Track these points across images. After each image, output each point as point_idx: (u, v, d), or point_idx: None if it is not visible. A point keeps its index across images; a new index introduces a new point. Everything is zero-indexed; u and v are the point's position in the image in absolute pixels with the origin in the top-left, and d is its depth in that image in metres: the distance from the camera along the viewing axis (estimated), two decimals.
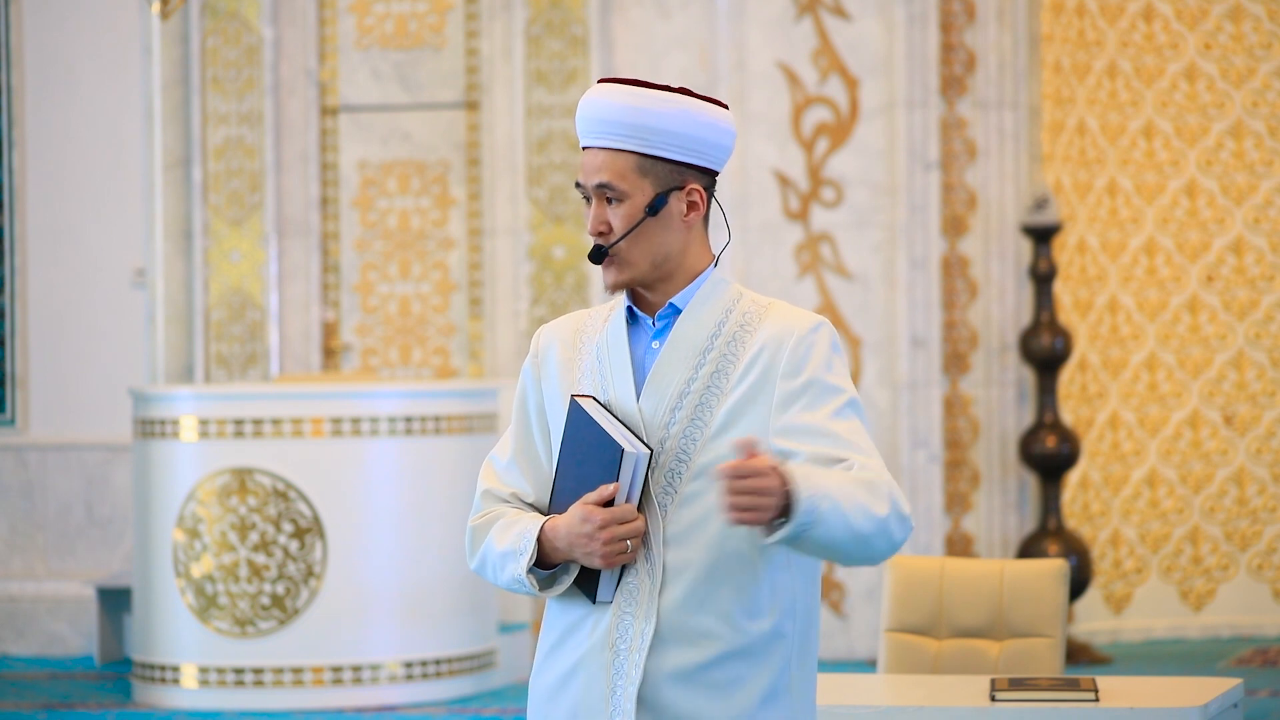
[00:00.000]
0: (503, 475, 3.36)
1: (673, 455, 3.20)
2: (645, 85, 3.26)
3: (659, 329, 3.28)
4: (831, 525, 3.05)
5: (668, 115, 3.23)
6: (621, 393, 3.24)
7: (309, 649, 8.26)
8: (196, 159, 9.85)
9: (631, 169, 3.24)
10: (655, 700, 3.18)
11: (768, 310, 3.27)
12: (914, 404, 9.38)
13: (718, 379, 3.22)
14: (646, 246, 3.25)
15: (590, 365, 3.30)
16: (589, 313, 3.39)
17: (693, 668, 3.17)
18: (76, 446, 10.13)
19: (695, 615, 3.17)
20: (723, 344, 3.24)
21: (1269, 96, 10.20)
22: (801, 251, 9.49)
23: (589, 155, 3.28)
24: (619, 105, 3.24)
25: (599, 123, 3.25)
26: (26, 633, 10.00)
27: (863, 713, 4.34)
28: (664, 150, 3.23)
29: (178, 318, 9.86)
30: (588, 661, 3.22)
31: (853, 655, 9.34)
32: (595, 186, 3.26)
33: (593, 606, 3.22)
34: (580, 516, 3.16)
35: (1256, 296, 10.20)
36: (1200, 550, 10.15)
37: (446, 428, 8.44)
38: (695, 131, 3.24)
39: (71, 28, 10.14)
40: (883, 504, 3.10)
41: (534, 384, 3.36)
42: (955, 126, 9.43)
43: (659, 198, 3.24)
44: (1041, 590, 4.90)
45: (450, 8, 9.84)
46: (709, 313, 3.26)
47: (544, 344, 3.37)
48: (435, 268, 9.88)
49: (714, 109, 3.27)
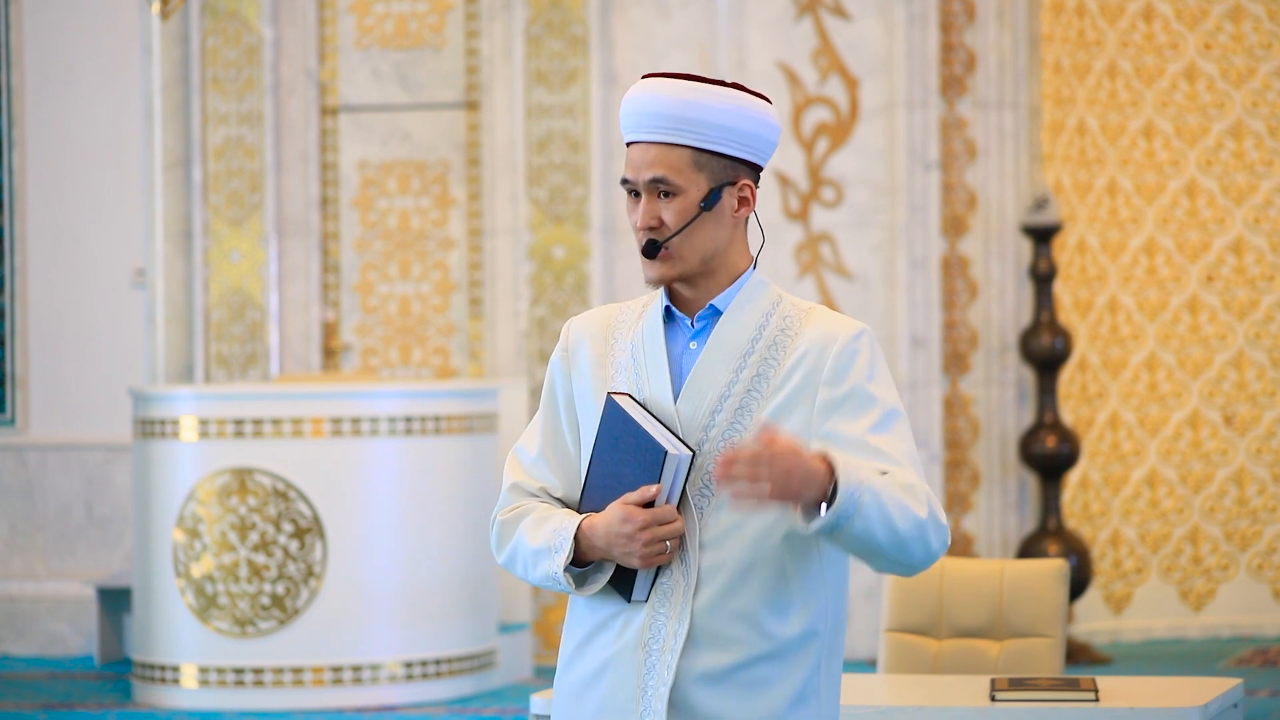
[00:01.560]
0: (530, 469, 3.33)
1: (710, 458, 3.18)
2: (697, 79, 3.23)
3: (698, 330, 3.25)
4: (871, 520, 3.04)
5: (723, 110, 3.20)
6: (658, 392, 3.22)
7: (309, 649, 8.26)
8: (196, 159, 9.85)
9: (687, 163, 3.20)
10: (685, 701, 3.17)
11: (809, 315, 3.24)
12: (914, 404, 9.37)
13: (758, 382, 3.20)
14: (699, 242, 3.21)
15: (624, 362, 3.27)
16: (620, 307, 3.35)
17: (724, 669, 3.16)
18: (76, 446, 10.13)
19: (728, 617, 3.16)
20: (764, 347, 3.21)
21: (1269, 96, 10.20)
22: (801, 251, 9.49)
23: (639, 150, 3.22)
24: (673, 99, 3.20)
25: (652, 116, 3.21)
26: (26, 633, 10.00)
27: (863, 713, 4.34)
28: (719, 145, 3.20)
29: (178, 318, 9.86)
30: (618, 661, 3.20)
31: (853, 655, 9.34)
32: (649, 181, 3.21)
33: (623, 606, 3.20)
34: (621, 516, 3.14)
35: (1256, 296, 10.20)
36: (1200, 550, 10.15)
37: (446, 428, 8.44)
38: (748, 126, 3.21)
39: (71, 28, 10.14)
40: (922, 507, 3.10)
41: (564, 378, 3.33)
42: (955, 126, 9.43)
43: (713, 192, 3.21)
44: (1041, 590, 4.90)
45: (450, 8, 9.84)
46: (750, 315, 3.23)
47: (575, 337, 3.33)
48: (435, 268, 9.88)
49: (764, 104, 3.25)
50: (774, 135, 3.25)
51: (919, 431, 9.36)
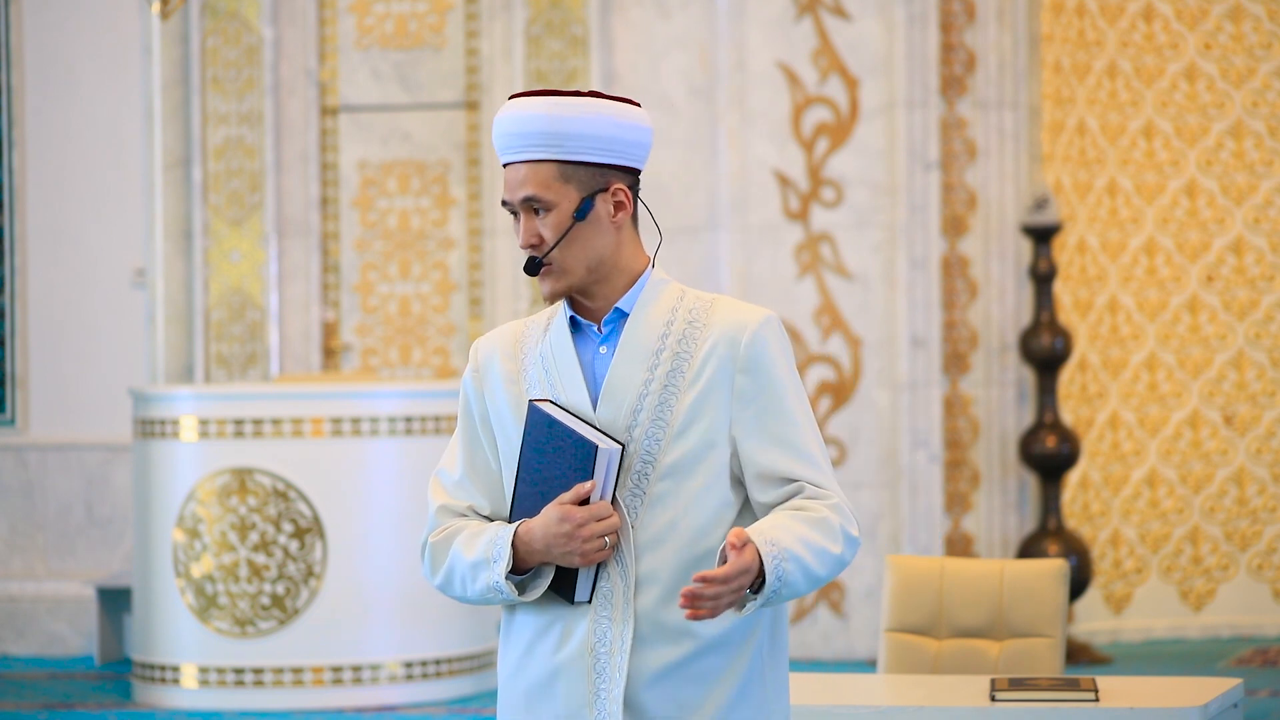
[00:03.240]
0: (454, 491, 3.36)
1: (637, 458, 3.22)
2: (554, 93, 3.27)
3: (605, 334, 3.28)
4: (796, 583, 3.16)
5: (581, 120, 3.24)
6: (576, 399, 3.26)
7: (309, 649, 8.26)
8: (196, 159, 9.85)
9: (554, 177, 3.24)
10: (637, 700, 3.20)
11: (715, 305, 3.29)
12: (914, 404, 9.37)
13: (674, 377, 3.24)
14: (580, 252, 3.25)
15: (536, 375, 3.30)
16: (525, 323, 3.39)
17: (672, 665, 3.20)
18: (76, 446, 10.13)
19: (672, 613, 3.19)
20: (674, 342, 3.26)
21: (1269, 96, 10.20)
22: (801, 251, 9.49)
23: (509, 171, 3.27)
24: (531, 115, 3.25)
25: (515, 137, 3.26)
26: (26, 633, 10.00)
27: (863, 713, 4.34)
28: (582, 154, 3.24)
29: (178, 318, 9.86)
30: (568, 668, 3.22)
31: (853, 655, 9.34)
32: (521, 200, 3.25)
33: (561, 613, 3.23)
34: (558, 516, 3.17)
35: (1256, 296, 10.20)
36: (1200, 550, 10.15)
37: (446, 428, 8.45)
38: (611, 132, 3.25)
39: (71, 28, 10.14)
40: (837, 542, 3.21)
41: (478, 397, 3.38)
42: (955, 126, 9.43)
43: (585, 202, 3.25)
44: (1041, 590, 4.90)
45: (450, 8, 9.84)
46: (656, 313, 3.27)
47: (484, 356, 3.37)
48: (435, 268, 9.88)
49: (628, 108, 3.28)
50: (644, 137, 3.29)
51: (919, 431, 9.36)
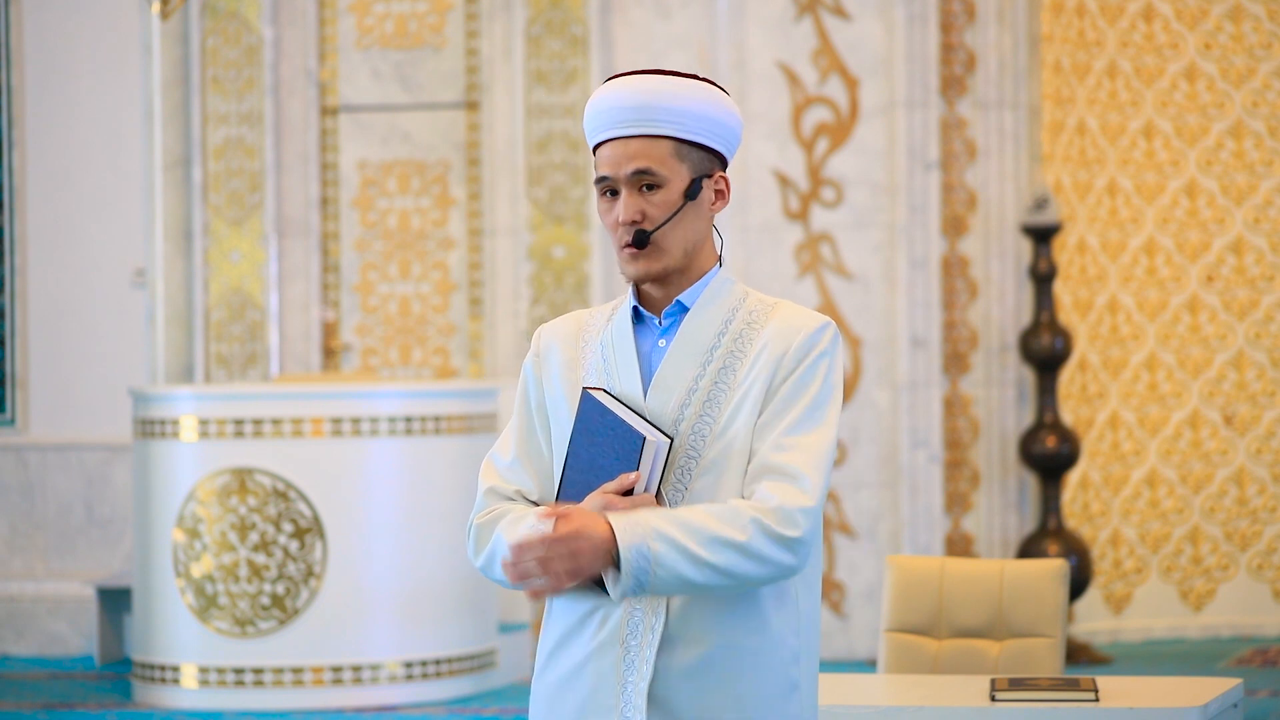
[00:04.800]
0: (505, 474, 3.34)
1: (682, 453, 3.20)
2: (670, 73, 3.26)
3: (665, 327, 3.27)
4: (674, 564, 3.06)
5: (699, 101, 3.23)
6: (629, 389, 3.24)
7: (309, 649, 8.26)
8: (196, 159, 9.85)
9: (670, 154, 3.22)
10: (665, 697, 3.17)
11: (775, 309, 3.27)
12: (914, 404, 9.37)
13: (725, 375, 3.22)
14: (682, 234, 3.23)
15: (595, 363, 3.29)
16: (590, 312, 3.38)
17: (700, 664, 3.17)
18: (76, 446, 10.13)
19: (703, 612, 3.17)
20: (730, 341, 3.23)
21: (1269, 96, 10.20)
22: (801, 251, 9.49)
23: (617, 146, 3.22)
24: (651, 91, 3.22)
25: (629, 110, 3.22)
26: (26, 633, 10.00)
27: (863, 713, 4.34)
28: (698, 135, 3.23)
29: (178, 318, 9.86)
30: (597, 657, 3.20)
31: (853, 655, 9.34)
32: (632, 174, 3.21)
33: (600, 602, 3.21)
34: (601, 505, 3.14)
35: (1256, 296, 10.20)
36: (1200, 550, 10.15)
37: (446, 428, 8.44)
38: (722, 117, 3.25)
39: (71, 28, 10.14)
40: (740, 530, 3.09)
41: (535, 382, 3.35)
42: (955, 126, 9.43)
43: (695, 183, 3.23)
44: (1041, 590, 4.90)
45: (450, 8, 9.84)
46: (716, 311, 3.25)
47: (545, 343, 3.36)
48: (435, 268, 9.88)
49: (729, 98, 3.29)
50: (740, 129, 3.30)
51: (919, 431, 9.36)
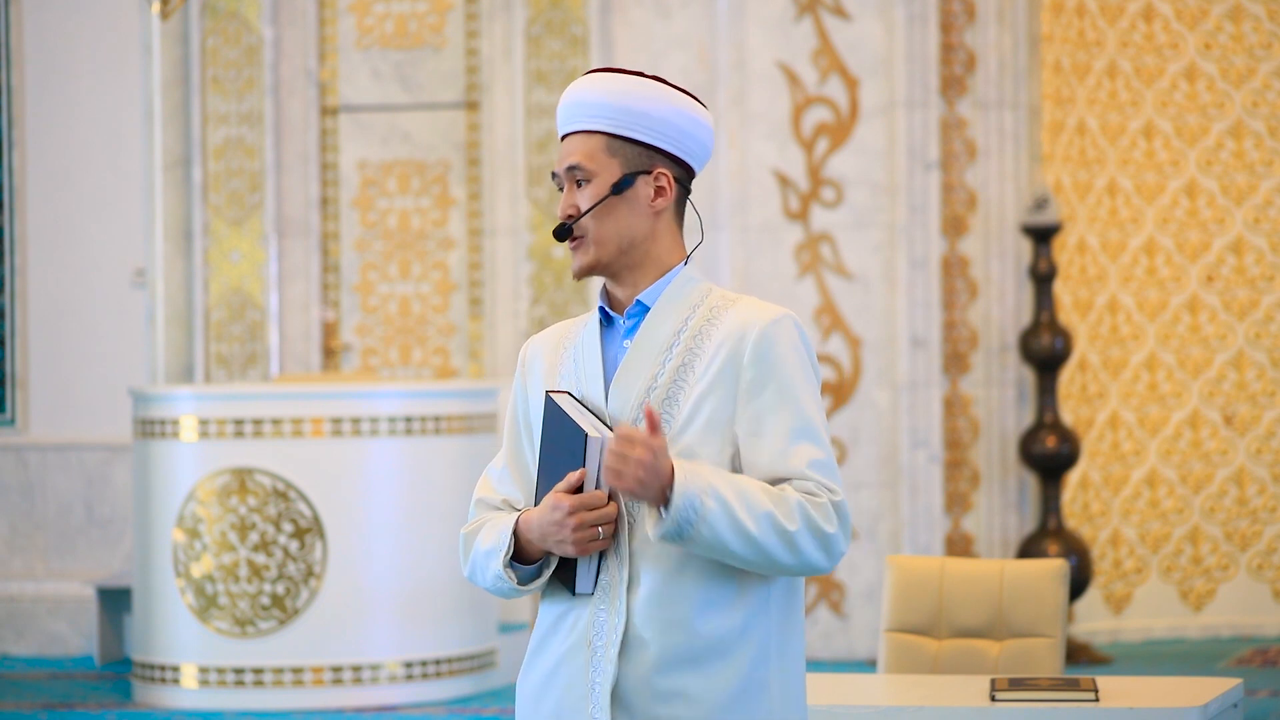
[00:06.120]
0: (496, 484, 3.39)
1: None
2: (619, 71, 3.29)
3: (630, 328, 3.28)
4: (720, 527, 3.06)
5: (636, 96, 3.24)
6: (592, 391, 3.26)
7: (309, 649, 8.26)
8: (196, 159, 9.85)
9: (600, 149, 3.24)
10: (628, 699, 3.17)
11: (735, 304, 3.26)
12: (914, 404, 9.37)
13: (684, 373, 3.22)
14: (613, 227, 3.24)
15: (568, 369, 3.32)
16: (573, 322, 3.40)
17: (661, 666, 3.16)
18: (76, 446, 10.13)
19: (664, 611, 3.16)
20: (688, 338, 3.24)
21: (1269, 96, 10.20)
22: (801, 251, 9.49)
23: (563, 143, 3.29)
24: (591, 89, 3.26)
25: (572, 108, 3.27)
26: (26, 633, 10.00)
27: (863, 713, 4.34)
28: (632, 131, 3.24)
29: (178, 318, 9.86)
30: (569, 660, 3.22)
31: (853, 655, 9.34)
32: (566, 170, 3.26)
33: (574, 602, 3.22)
34: (550, 504, 3.17)
35: (1256, 296, 10.20)
36: (1200, 550, 10.15)
37: (446, 428, 8.44)
38: (665, 115, 3.25)
39: (71, 28, 10.14)
40: (792, 520, 3.10)
41: (521, 394, 3.41)
42: (955, 126, 9.43)
43: (625, 178, 3.24)
44: (1041, 590, 4.90)
45: (450, 8, 9.84)
46: (676, 309, 3.25)
47: (530, 355, 3.42)
48: (435, 268, 9.88)
49: (689, 100, 3.28)
50: (699, 132, 3.28)
51: (919, 431, 9.36)
